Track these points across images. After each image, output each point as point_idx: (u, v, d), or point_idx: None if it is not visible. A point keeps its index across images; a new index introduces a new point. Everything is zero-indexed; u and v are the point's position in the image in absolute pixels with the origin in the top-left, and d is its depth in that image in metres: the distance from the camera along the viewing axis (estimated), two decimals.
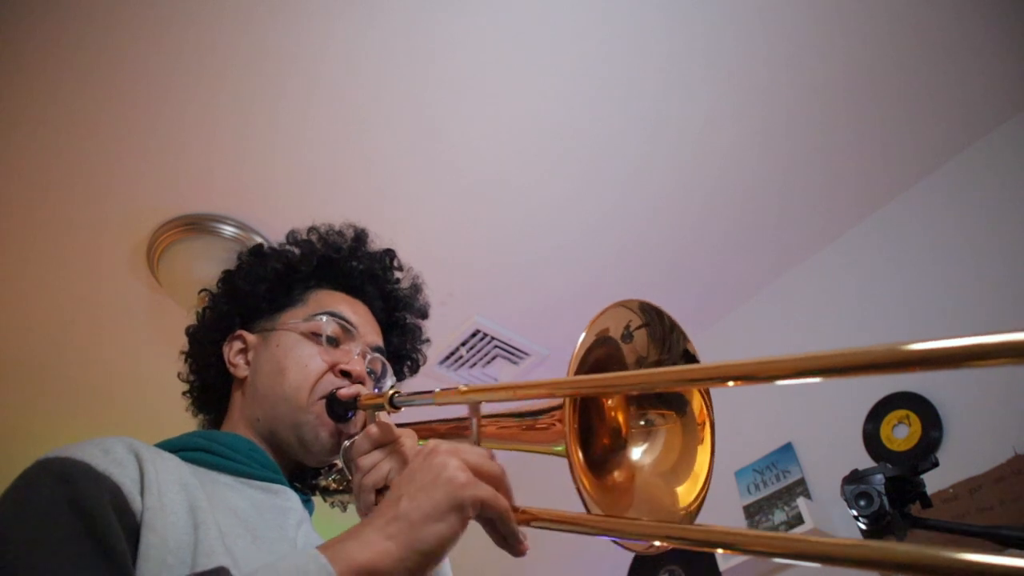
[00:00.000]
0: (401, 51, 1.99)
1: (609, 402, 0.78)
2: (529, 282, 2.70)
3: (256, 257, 1.12)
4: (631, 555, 2.68)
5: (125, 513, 0.70)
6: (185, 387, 1.12)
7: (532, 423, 0.79)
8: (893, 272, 2.47)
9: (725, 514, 2.53)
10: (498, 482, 0.74)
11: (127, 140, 2.09)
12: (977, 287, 2.24)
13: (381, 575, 0.66)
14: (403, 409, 0.93)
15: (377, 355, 1.07)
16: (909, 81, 2.19)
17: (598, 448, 0.76)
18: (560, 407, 0.71)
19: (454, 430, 0.94)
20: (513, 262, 2.64)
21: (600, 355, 0.72)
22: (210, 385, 1.08)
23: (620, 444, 0.77)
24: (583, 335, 0.69)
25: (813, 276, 2.69)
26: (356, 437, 0.93)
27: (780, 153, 2.37)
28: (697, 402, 0.77)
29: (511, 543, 0.75)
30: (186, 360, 1.11)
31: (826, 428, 2.42)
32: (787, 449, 2.50)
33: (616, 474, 0.75)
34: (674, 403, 0.78)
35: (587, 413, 0.75)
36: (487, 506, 0.71)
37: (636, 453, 0.77)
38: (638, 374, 0.70)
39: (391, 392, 0.92)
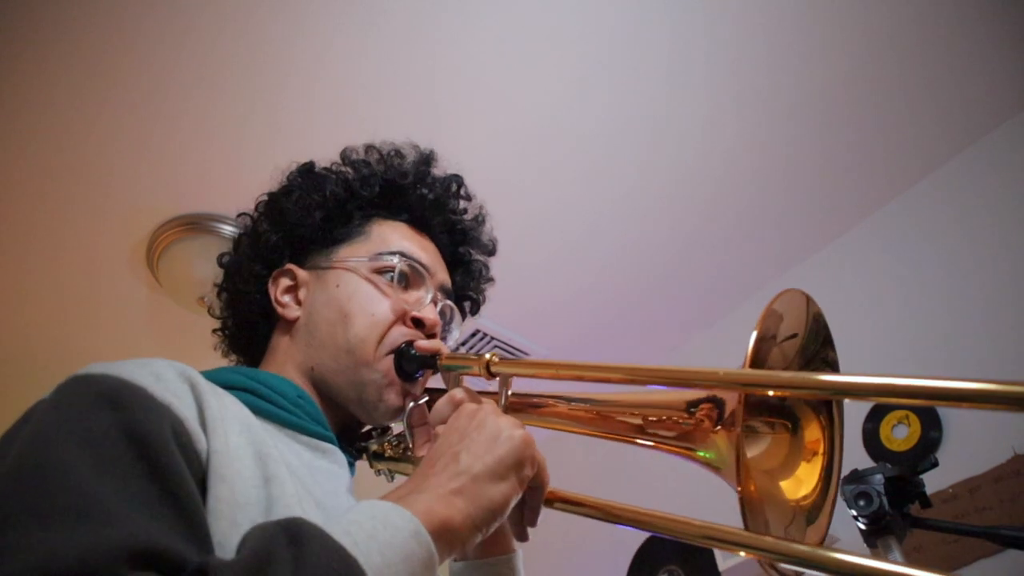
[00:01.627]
0: (401, 52, 2.00)
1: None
2: (529, 282, 2.69)
3: (310, 178, 0.97)
4: (630, 554, 2.67)
5: (190, 454, 0.56)
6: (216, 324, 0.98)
7: (676, 418, 0.69)
8: (894, 271, 2.47)
9: (724, 512, 2.52)
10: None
11: (127, 140, 2.08)
12: (979, 285, 2.23)
13: (455, 531, 0.59)
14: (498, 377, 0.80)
15: (447, 301, 0.95)
16: (907, 79, 2.18)
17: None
18: (709, 400, 0.64)
19: (573, 412, 0.84)
20: (513, 262, 2.62)
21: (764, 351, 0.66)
22: (250, 325, 0.94)
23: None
24: (754, 333, 0.64)
25: (814, 276, 2.68)
26: (437, 401, 0.80)
27: (780, 153, 2.37)
28: (813, 430, 0.70)
29: (529, 519, 0.72)
30: (219, 294, 0.97)
31: None
32: None
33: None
34: (790, 418, 0.71)
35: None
36: (541, 470, 0.68)
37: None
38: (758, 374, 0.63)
39: (489, 356, 0.79)
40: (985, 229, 2.29)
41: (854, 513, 1.22)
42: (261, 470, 0.62)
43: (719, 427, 0.63)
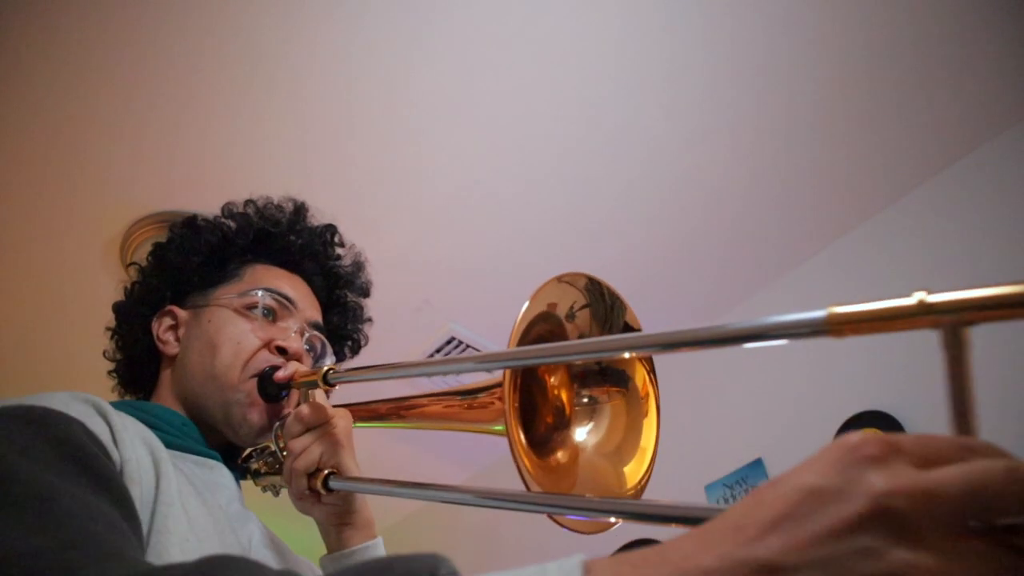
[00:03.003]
0: (385, 55, 1.99)
1: (552, 380, 0.77)
2: (507, 293, 2.68)
3: (190, 229, 1.06)
4: None
5: (109, 460, 0.65)
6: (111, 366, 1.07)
7: (473, 401, 0.78)
8: (888, 279, 2.47)
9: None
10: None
11: (102, 134, 2.07)
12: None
13: None
14: (338, 387, 0.89)
15: (316, 332, 1.03)
16: (905, 89, 2.20)
17: (541, 427, 0.75)
18: (500, 384, 0.70)
19: (395, 410, 0.91)
20: (493, 272, 2.63)
21: (543, 331, 0.72)
22: (137, 363, 1.03)
23: (564, 423, 0.76)
24: (524, 306, 0.70)
25: (809, 280, 2.68)
26: (288, 418, 0.90)
27: (773, 165, 2.38)
28: (640, 375, 0.77)
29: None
30: (112, 337, 1.06)
31: (796, 444, 2.44)
32: (757, 465, 2.51)
33: (560, 454, 0.74)
34: (617, 378, 0.77)
35: (530, 392, 0.74)
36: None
37: (581, 433, 0.76)
38: (559, 345, 0.69)
39: (326, 368, 0.88)
40: (981, 237, 2.29)
41: None
42: (155, 471, 0.71)
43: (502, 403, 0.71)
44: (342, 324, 1.15)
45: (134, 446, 0.70)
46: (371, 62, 2.00)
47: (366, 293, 1.18)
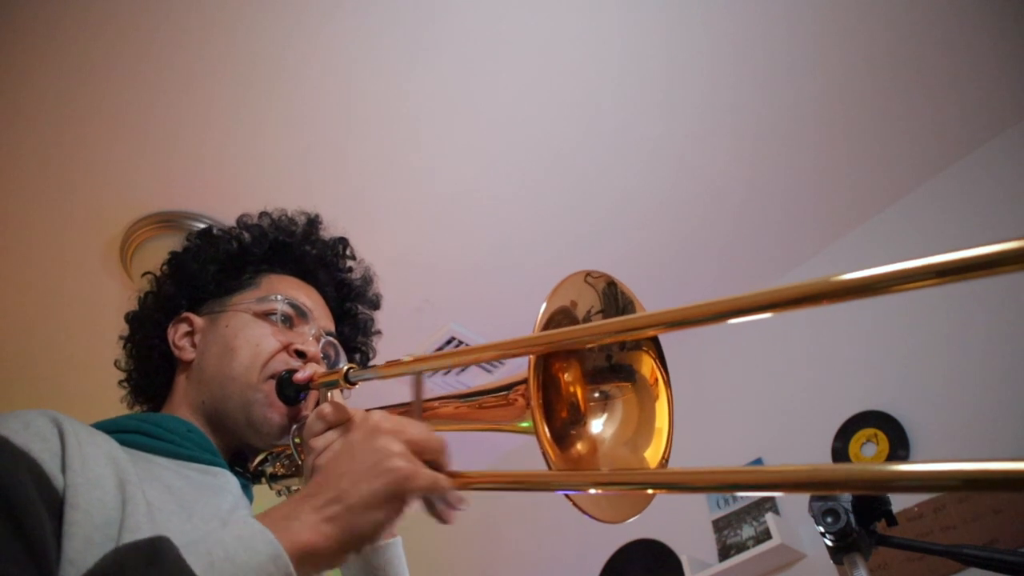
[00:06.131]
0: (384, 57, 2.00)
1: (566, 376, 0.78)
2: (508, 292, 2.69)
3: (206, 239, 1.08)
4: (602, 560, 2.67)
5: (46, 490, 0.65)
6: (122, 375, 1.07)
7: (494, 400, 0.78)
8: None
9: (694, 527, 2.54)
10: (438, 455, 0.73)
11: (103, 135, 2.07)
12: (975, 289, 2.21)
13: (320, 555, 0.66)
14: (359, 385, 0.90)
15: (331, 339, 1.04)
16: (906, 90, 2.21)
17: (558, 422, 0.76)
18: (523, 382, 0.71)
19: (407, 414, 0.93)
20: (492, 272, 2.63)
21: (560, 324, 0.74)
22: (152, 371, 1.03)
23: (579, 418, 0.77)
24: (545, 304, 0.70)
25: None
26: (308, 417, 0.89)
27: (773, 166, 2.39)
28: (648, 365, 0.78)
29: (442, 517, 0.74)
30: (125, 346, 1.06)
31: (796, 444, 2.44)
32: (757, 465, 2.51)
33: (579, 446, 0.75)
34: (626, 372, 0.78)
35: (545, 389, 0.75)
36: (427, 492, 0.72)
37: (596, 425, 0.77)
38: (588, 327, 0.70)
39: (347, 368, 0.89)
40: (981, 237, 2.28)
41: (821, 530, 1.24)
42: (120, 494, 0.70)
43: (527, 400, 0.72)
44: (352, 336, 1.16)
45: (92, 468, 0.70)
46: (371, 63, 2.01)
47: (376, 306, 1.19)
